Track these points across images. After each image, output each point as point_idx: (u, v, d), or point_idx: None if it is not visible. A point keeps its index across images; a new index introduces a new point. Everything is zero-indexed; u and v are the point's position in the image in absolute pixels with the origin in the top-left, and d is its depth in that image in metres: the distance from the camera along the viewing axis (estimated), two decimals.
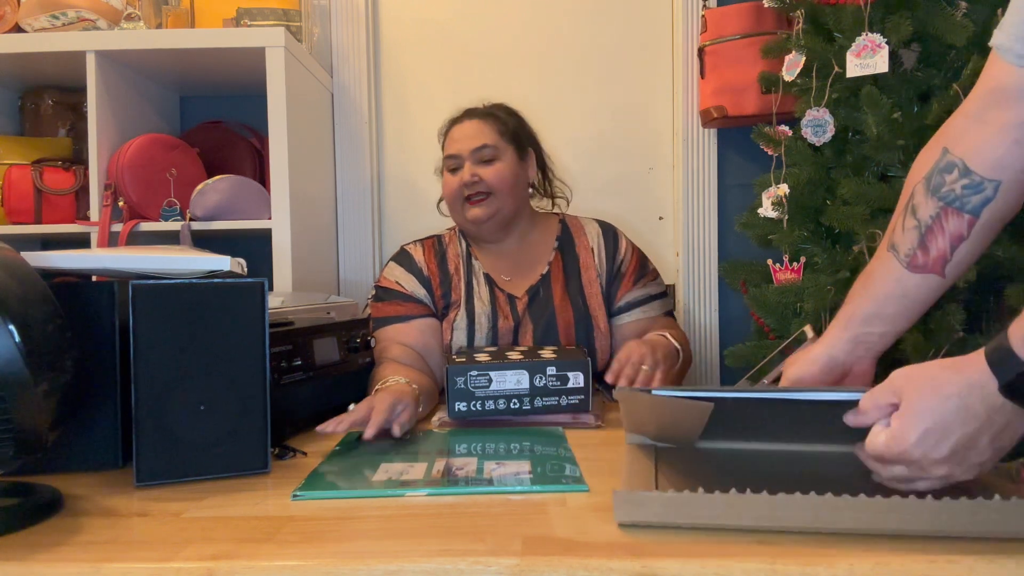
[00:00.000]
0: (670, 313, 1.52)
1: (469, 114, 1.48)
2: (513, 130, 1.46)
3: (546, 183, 1.57)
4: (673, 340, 1.32)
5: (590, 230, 1.51)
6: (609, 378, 1.15)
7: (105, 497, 0.82)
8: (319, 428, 1.00)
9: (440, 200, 1.53)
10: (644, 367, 1.15)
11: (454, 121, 1.50)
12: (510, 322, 1.41)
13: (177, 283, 0.85)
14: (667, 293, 1.53)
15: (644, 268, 1.49)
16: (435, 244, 1.50)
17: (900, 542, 0.63)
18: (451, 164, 1.45)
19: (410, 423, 1.06)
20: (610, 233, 1.51)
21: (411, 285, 1.44)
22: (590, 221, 1.53)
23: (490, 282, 1.45)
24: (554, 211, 1.59)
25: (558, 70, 2.21)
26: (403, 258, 1.48)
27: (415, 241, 1.52)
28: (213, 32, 1.80)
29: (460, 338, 1.40)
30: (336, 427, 1.00)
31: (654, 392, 0.79)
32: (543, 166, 1.55)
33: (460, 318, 1.41)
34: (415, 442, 1.04)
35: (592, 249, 1.48)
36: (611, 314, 1.45)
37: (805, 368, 0.88)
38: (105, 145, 1.78)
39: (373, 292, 1.48)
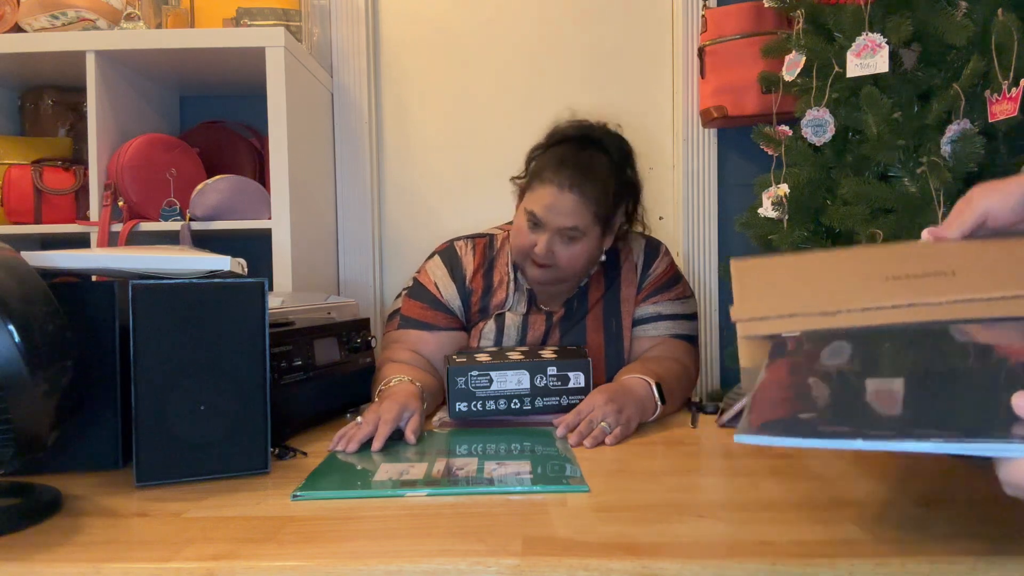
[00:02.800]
0: (686, 337, 1.37)
1: (573, 184, 1.24)
2: (608, 209, 1.27)
3: (626, 226, 1.38)
4: (652, 384, 1.16)
5: (636, 246, 1.43)
6: (560, 432, 1.06)
7: (105, 497, 0.82)
8: (330, 447, 1.02)
9: (512, 178, 1.38)
10: (602, 424, 1.05)
11: (556, 172, 1.25)
12: (539, 332, 1.37)
13: (177, 283, 0.85)
14: (688, 316, 1.39)
15: (668, 286, 1.39)
16: (486, 248, 1.40)
17: (901, 543, 0.63)
18: (532, 219, 1.27)
19: (421, 426, 1.08)
20: (652, 247, 1.43)
21: (448, 293, 1.36)
22: (639, 238, 1.45)
23: (531, 298, 1.38)
24: None
25: (558, 70, 2.21)
26: (450, 258, 1.38)
27: (467, 239, 1.41)
28: (213, 32, 1.80)
29: (486, 346, 1.36)
30: (347, 446, 1.00)
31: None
32: (632, 210, 1.37)
33: (489, 328, 1.36)
34: (416, 442, 1.04)
35: (635, 264, 1.41)
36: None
37: (998, 198, 0.71)
38: (105, 145, 1.78)
39: (410, 283, 1.41)
